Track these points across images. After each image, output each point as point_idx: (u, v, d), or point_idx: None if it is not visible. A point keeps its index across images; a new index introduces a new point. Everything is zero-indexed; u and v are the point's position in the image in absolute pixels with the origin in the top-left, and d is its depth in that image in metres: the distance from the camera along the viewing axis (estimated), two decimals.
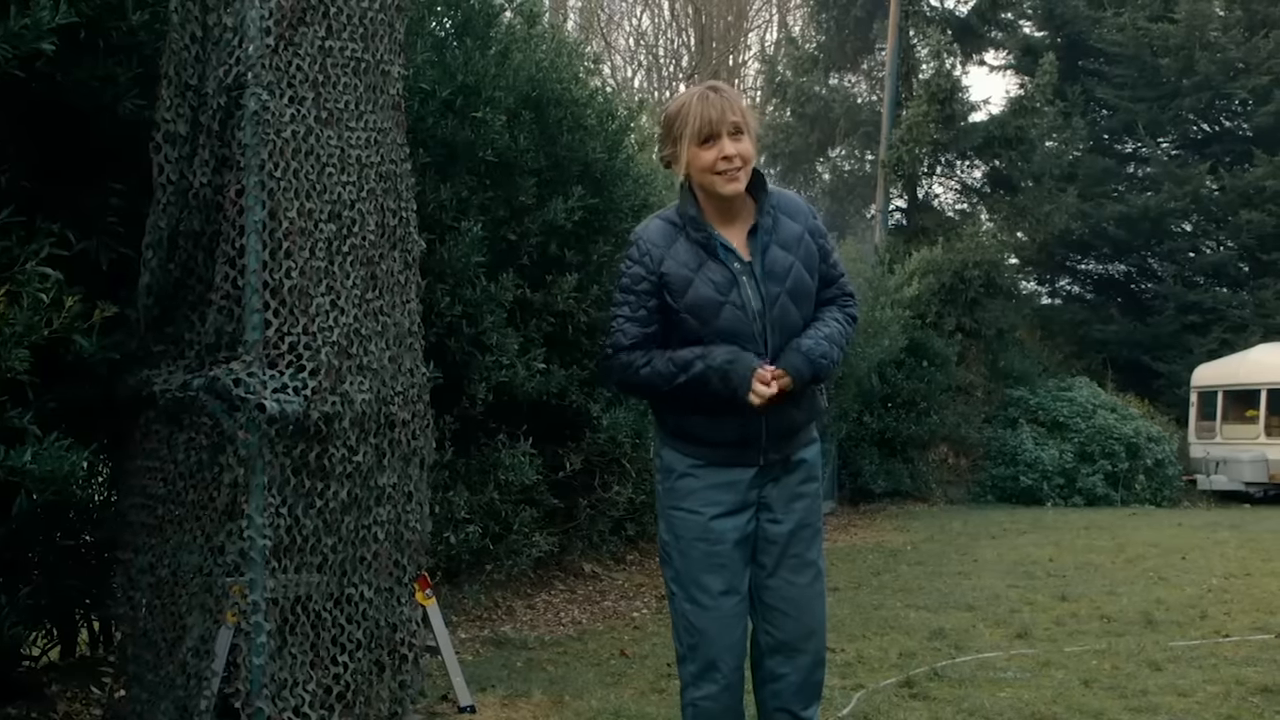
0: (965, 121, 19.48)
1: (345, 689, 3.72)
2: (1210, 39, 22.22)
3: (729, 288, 2.98)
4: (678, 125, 3.00)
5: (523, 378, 6.73)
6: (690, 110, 2.98)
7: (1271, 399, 17.83)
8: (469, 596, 6.75)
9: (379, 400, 3.84)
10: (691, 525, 3.06)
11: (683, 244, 3.01)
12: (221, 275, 3.63)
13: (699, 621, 3.05)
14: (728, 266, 3.00)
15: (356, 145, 3.83)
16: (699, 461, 3.06)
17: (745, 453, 3.05)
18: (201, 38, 3.74)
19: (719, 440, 3.04)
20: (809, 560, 3.15)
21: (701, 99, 2.98)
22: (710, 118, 2.95)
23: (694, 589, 3.05)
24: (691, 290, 2.97)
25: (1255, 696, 4.77)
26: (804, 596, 3.14)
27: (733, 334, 2.96)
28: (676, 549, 3.09)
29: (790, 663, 3.14)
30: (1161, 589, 7.85)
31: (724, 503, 3.05)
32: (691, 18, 30.21)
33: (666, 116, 3.07)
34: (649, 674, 5.32)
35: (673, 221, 3.07)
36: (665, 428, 3.13)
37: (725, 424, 3.01)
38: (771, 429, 3.04)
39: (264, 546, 3.48)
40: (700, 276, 2.98)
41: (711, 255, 3.00)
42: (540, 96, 7.04)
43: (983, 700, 4.68)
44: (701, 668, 3.06)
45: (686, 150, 2.99)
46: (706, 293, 2.97)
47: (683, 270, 2.98)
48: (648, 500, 8.26)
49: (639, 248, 3.04)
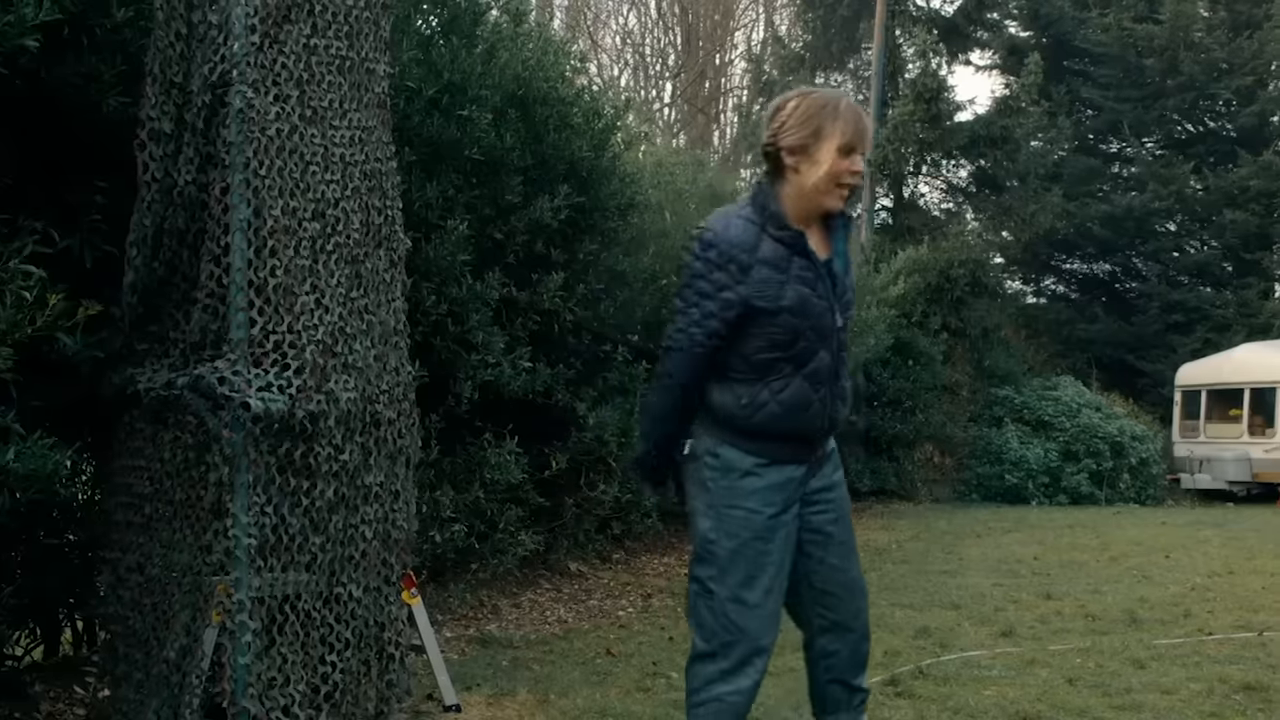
0: (951, 121, 19.53)
1: (333, 688, 3.71)
2: (1194, 40, 22.32)
3: (815, 282, 3.00)
4: (825, 120, 2.96)
5: (509, 376, 6.73)
6: (843, 115, 2.96)
7: (1255, 398, 17.92)
8: (455, 595, 6.74)
9: (364, 399, 3.83)
10: (751, 524, 3.05)
11: (768, 243, 2.97)
12: (206, 273, 3.62)
13: (742, 620, 3.05)
14: (813, 264, 3.01)
15: (341, 143, 3.82)
16: (764, 460, 3.06)
17: (804, 449, 3.11)
18: (186, 35, 3.73)
19: (793, 434, 3.06)
20: (851, 544, 3.28)
21: (857, 111, 2.98)
22: (862, 131, 2.97)
23: (742, 588, 3.05)
24: (789, 291, 2.96)
25: (1238, 694, 4.79)
26: (851, 579, 3.27)
27: (820, 329, 3.01)
28: (727, 548, 3.06)
29: (841, 639, 3.26)
30: (1145, 587, 7.88)
31: (780, 502, 3.08)
32: (678, 17, 30.25)
33: (811, 104, 2.99)
34: (634, 673, 5.32)
35: (751, 221, 3.00)
36: (731, 425, 3.07)
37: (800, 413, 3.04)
38: (827, 427, 3.12)
39: (249, 545, 3.47)
40: (791, 276, 2.97)
41: (798, 252, 2.99)
42: (526, 95, 7.03)
43: (967, 698, 4.69)
44: (736, 664, 3.07)
45: (826, 152, 2.96)
46: (801, 290, 2.97)
47: (774, 273, 2.96)
48: (634, 499, 8.26)
49: (721, 251, 2.95)
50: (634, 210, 8.40)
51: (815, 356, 3.03)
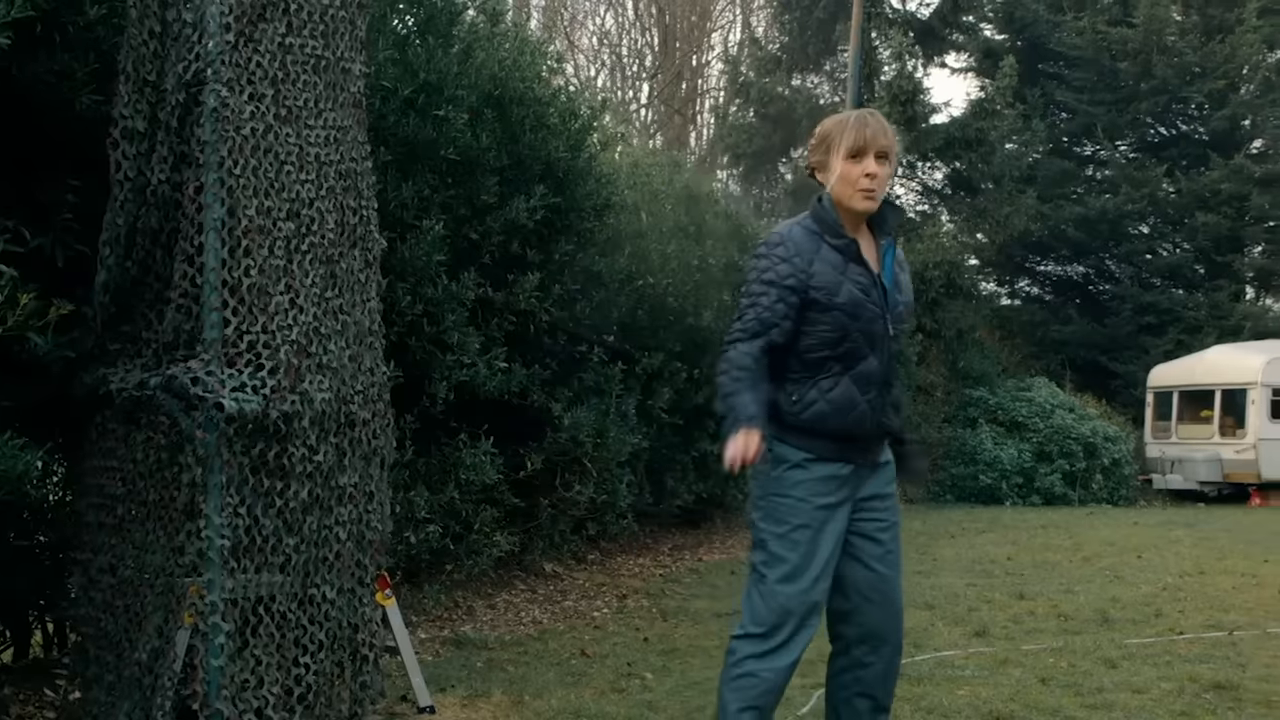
0: (926, 123, 19.61)
1: (307, 690, 3.70)
2: (1167, 43, 22.48)
3: (869, 288, 3.22)
4: (833, 137, 3.24)
5: (484, 377, 6.71)
6: (848, 127, 3.22)
7: (1226, 400, 18.06)
8: (429, 596, 6.72)
9: (339, 399, 3.82)
10: (798, 512, 3.23)
11: (827, 251, 3.21)
12: (180, 273, 3.60)
13: (790, 604, 3.21)
14: (867, 270, 3.23)
15: (316, 143, 3.81)
16: (811, 455, 3.23)
17: (853, 449, 3.26)
18: (160, 33, 3.71)
19: (840, 433, 3.22)
20: (898, 556, 3.40)
21: (860, 119, 3.24)
22: (865, 136, 3.20)
23: (790, 575, 3.22)
24: (844, 290, 3.18)
25: (1208, 693, 4.83)
26: (893, 588, 3.37)
27: (870, 334, 3.21)
28: (776, 534, 3.24)
29: (876, 652, 3.35)
30: (1117, 587, 7.94)
31: (828, 494, 3.24)
32: (655, 18, 30.24)
33: (823, 129, 3.30)
34: (609, 673, 5.32)
35: (811, 230, 3.25)
36: (782, 421, 3.26)
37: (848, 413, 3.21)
38: (877, 432, 3.29)
39: (222, 547, 3.45)
40: (847, 278, 3.19)
41: (853, 259, 3.22)
42: (503, 95, 7.02)
43: (941, 698, 4.71)
44: (777, 645, 3.22)
45: (838, 161, 3.21)
46: (855, 293, 3.19)
47: (832, 272, 3.19)
48: (609, 500, 8.26)
49: (787, 247, 3.21)
50: (610, 211, 8.39)
51: (864, 360, 3.23)
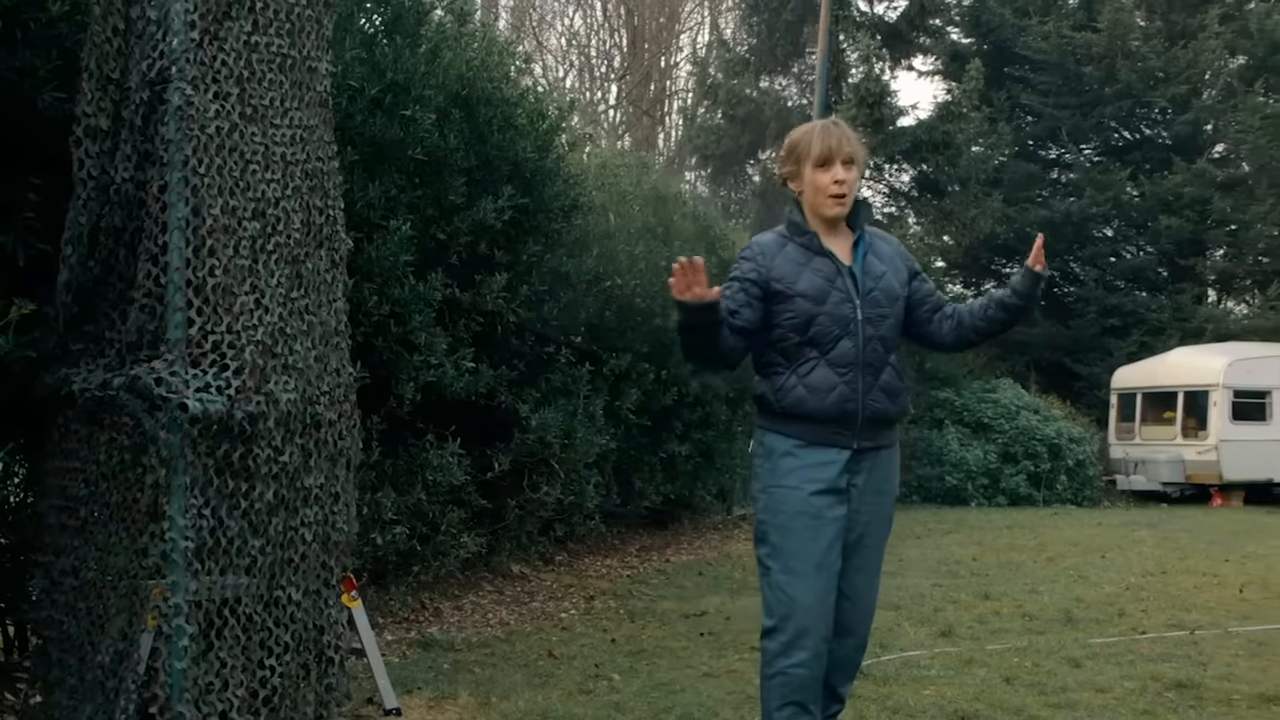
0: (894, 126, 19.69)
1: (272, 693, 3.67)
2: (1131, 48, 22.66)
3: (834, 276, 3.40)
4: (801, 147, 3.45)
5: (451, 378, 6.70)
6: (814, 137, 3.43)
7: (1188, 401, 18.22)
8: (396, 598, 6.70)
9: (305, 400, 3.79)
10: (792, 500, 3.35)
11: (791, 248, 3.44)
12: (143, 273, 3.57)
13: (794, 591, 3.31)
14: (831, 261, 3.42)
15: (282, 142, 3.78)
16: (800, 441, 3.37)
17: (841, 434, 3.38)
18: (124, 30, 3.67)
19: (820, 415, 3.35)
20: (879, 553, 3.55)
21: (824, 129, 3.45)
22: (830, 145, 3.41)
23: (792, 560, 3.33)
24: (804, 279, 3.38)
25: (1170, 692, 4.88)
26: (869, 586, 3.53)
27: (837, 317, 3.37)
28: (775, 524, 3.37)
29: (841, 643, 3.47)
30: (1081, 587, 8.00)
31: (821, 480, 3.36)
32: (624, 19, 30.26)
33: (790, 140, 3.51)
34: (576, 675, 5.32)
35: (781, 234, 3.50)
36: (770, 412, 3.44)
37: (826, 394, 3.35)
38: (866, 415, 3.39)
39: (185, 548, 3.42)
40: (808, 268, 3.40)
41: (816, 253, 3.43)
42: (470, 95, 7.00)
43: (907, 698, 4.74)
44: (793, 637, 3.30)
45: (807, 170, 3.43)
46: (817, 280, 3.38)
47: (792, 265, 3.40)
48: (576, 501, 8.25)
49: (753, 249, 3.48)
50: (578, 212, 8.39)
51: (837, 343, 3.37)
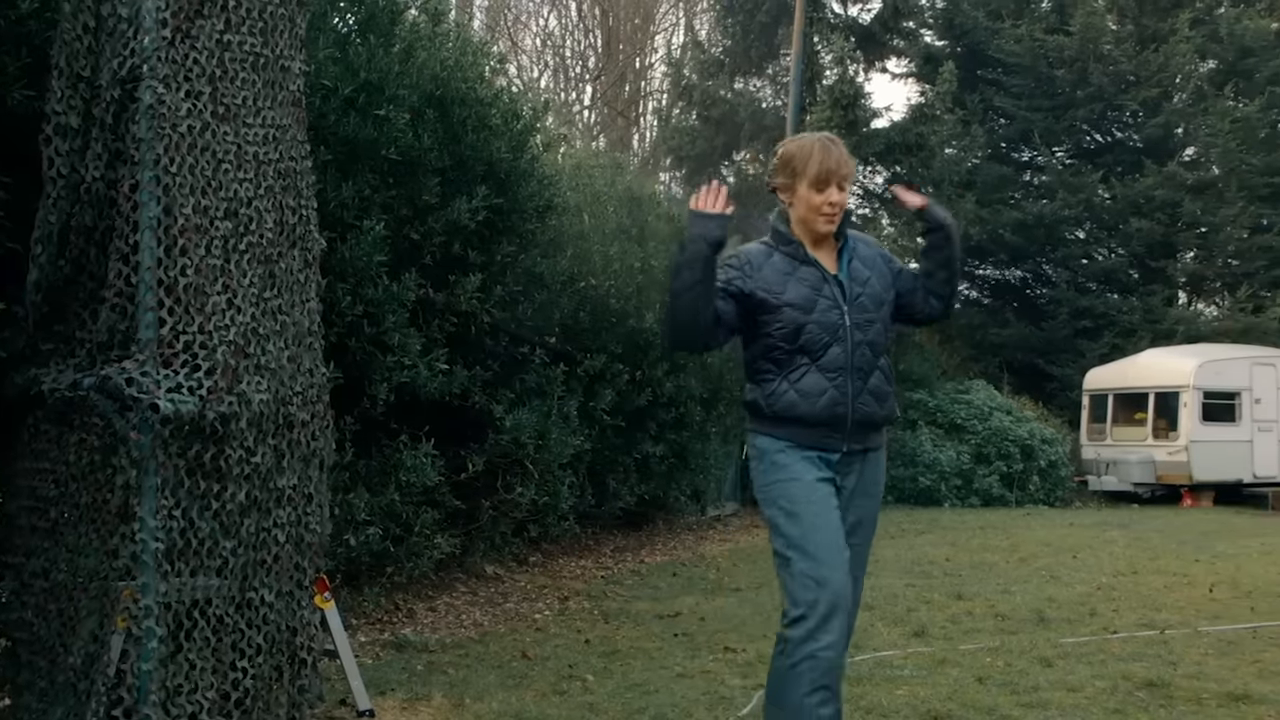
0: (868, 128, 19.74)
1: (244, 695, 3.65)
2: (1103, 52, 22.80)
3: (820, 284, 3.45)
4: (798, 163, 3.46)
5: (425, 378, 6.68)
6: (813, 155, 3.44)
7: (1159, 402, 18.35)
8: (369, 599, 6.67)
9: (277, 400, 3.78)
10: (798, 488, 3.40)
11: (777, 258, 3.49)
12: (115, 272, 3.54)
13: (818, 574, 3.32)
14: (817, 269, 3.47)
15: (254, 141, 3.77)
16: (790, 444, 3.43)
17: (831, 437, 3.44)
18: (94, 28, 3.65)
19: (811, 418, 3.41)
20: (865, 554, 3.61)
21: (823, 148, 3.45)
22: (829, 167, 3.43)
23: (810, 545, 3.35)
24: (790, 288, 3.42)
25: (1140, 691, 4.91)
26: (855, 588, 3.50)
27: (826, 324, 3.42)
28: (786, 515, 3.39)
29: None
30: (1053, 587, 8.05)
31: (819, 469, 3.43)
32: (599, 19, 30.24)
33: (787, 153, 3.52)
34: (550, 675, 5.31)
35: (767, 244, 3.54)
36: (761, 415, 3.49)
37: (816, 399, 3.40)
38: (856, 418, 3.44)
39: (156, 550, 3.40)
40: (794, 278, 3.44)
41: (802, 261, 3.47)
42: (445, 95, 6.99)
43: (880, 698, 4.75)
44: (822, 619, 3.29)
45: (803, 188, 3.45)
46: (802, 289, 3.43)
47: (778, 275, 3.45)
48: (550, 502, 8.24)
49: (739, 259, 3.51)
50: (552, 212, 8.39)
51: (827, 350, 3.42)
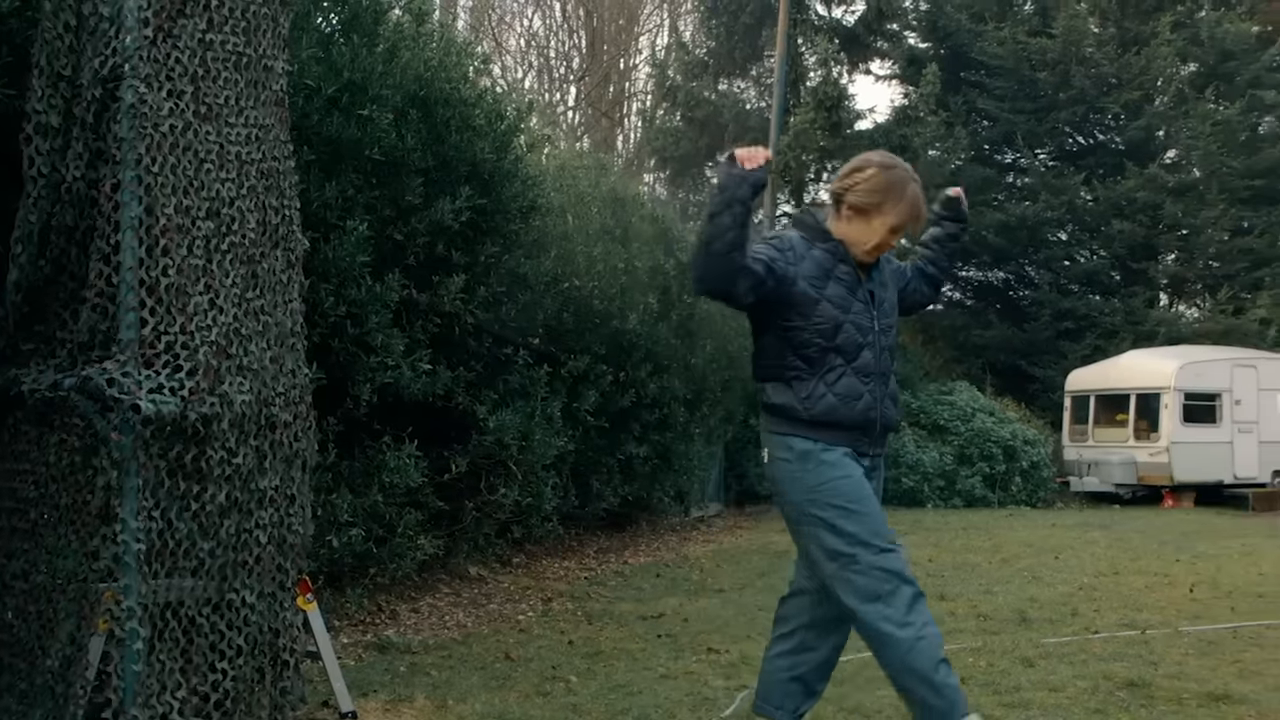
0: (851, 129, 19.82)
1: (224, 696, 3.64)
2: (1085, 54, 22.90)
3: (855, 285, 3.52)
4: (890, 200, 3.45)
5: (408, 379, 6.66)
6: (905, 199, 3.47)
7: (1140, 403, 18.43)
8: (352, 601, 6.65)
9: (260, 401, 3.76)
10: (852, 485, 3.43)
11: (817, 252, 3.50)
12: (96, 272, 3.53)
13: (892, 563, 3.37)
14: (854, 270, 3.52)
15: (237, 141, 3.76)
16: (827, 446, 3.45)
17: (861, 441, 3.50)
18: (76, 27, 3.64)
19: (848, 423, 3.45)
20: None
21: (914, 201, 3.49)
22: (916, 217, 3.52)
23: (877, 538, 3.39)
24: (830, 285, 3.45)
25: (1122, 691, 4.93)
26: None
27: (860, 326, 3.48)
28: (844, 513, 3.41)
29: (823, 640, 3.63)
30: (1035, 588, 8.07)
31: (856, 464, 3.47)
32: (583, 20, 30.22)
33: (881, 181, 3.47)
34: (534, 677, 5.31)
35: (805, 238, 3.55)
36: (796, 419, 3.46)
37: (855, 403, 3.46)
38: (881, 423, 3.53)
39: (139, 551, 3.39)
40: (833, 276, 3.49)
41: (840, 260, 3.50)
42: (428, 95, 6.98)
43: (863, 699, 4.76)
44: (911, 600, 3.34)
45: (879, 222, 3.47)
46: (840, 288, 3.48)
47: (818, 269, 3.48)
48: (533, 503, 8.24)
49: (783, 241, 3.51)
50: (536, 213, 8.38)
51: (860, 352, 3.48)
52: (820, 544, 3.46)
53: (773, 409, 3.53)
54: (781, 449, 3.51)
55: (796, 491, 3.49)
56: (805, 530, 3.52)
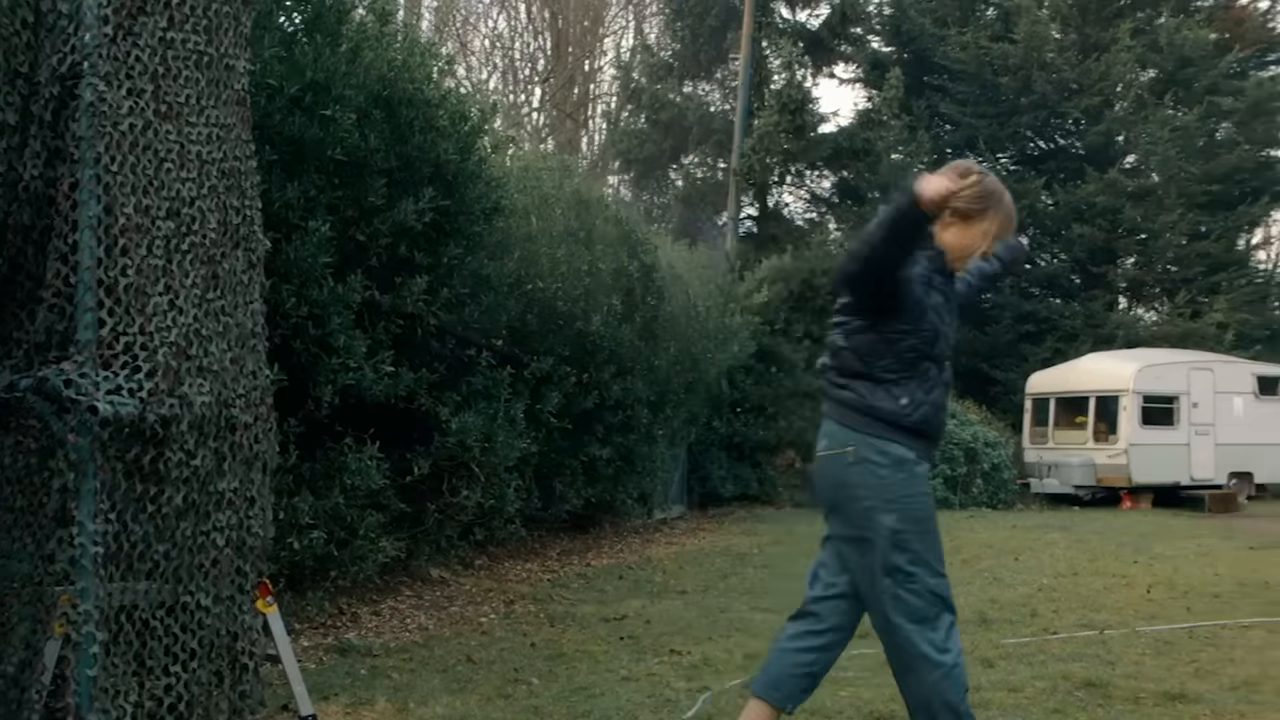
0: (815, 132, 19.92)
1: (178, 700, 3.61)
2: (1047, 60, 23.13)
3: (950, 296, 3.55)
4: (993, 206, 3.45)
5: (370, 380, 6.64)
6: (1006, 209, 3.48)
7: (1099, 406, 18.60)
8: (313, 603, 6.62)
9: (219, 403, 3.74)
10: (927, 506, 3.44)
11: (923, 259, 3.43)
12: (53, 272, 3.49)
13: (944, 589, 3.40)
14: (950, 283, 3.54)
15: (198, 140, 3.73)
16: (920, 457, 3.44)
17: (934, 448, 3.53)
18: (34, 23, 3.59)
19: (932, 433, 3.47)
20: None
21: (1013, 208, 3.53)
22: (1011, 226, 3.53)
23: (938, 561, 3.41)
24: (933, 293, 3.44)
25: (1080, 691, 4.98)
26: None
27: (948, 338, 3.52)
28: (920, 531, 3.38)
29: (841, 643, 3.67)
30: (995, 589, 8.13)
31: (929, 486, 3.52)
32: (548, 22, 30.19)
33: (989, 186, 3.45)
34: (495, 680, 5.30)
35: None
36: (894, 425, 3.40)
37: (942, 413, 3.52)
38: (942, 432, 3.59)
39: (96, 554, 3.35)
40: (933, 285, 3.46)
41: (938, 269, 3.47)
42: (392, 96, 6.95)
43: (824, 700, 4.78)
44: (949, 626, 3.39)
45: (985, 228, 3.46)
46: (939, 298, 3.47)
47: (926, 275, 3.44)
48: (496, 505, 8.22)
49: None
50: (499, 214, 8.36)
51: (945, 364, 3.52)
52: (881, 556, 3.36)
53: (867, 410, 3.40)
54: (874, 452, 3.37)
55: (877, 497, 3.36)
56: (868, 538, 3.40)
